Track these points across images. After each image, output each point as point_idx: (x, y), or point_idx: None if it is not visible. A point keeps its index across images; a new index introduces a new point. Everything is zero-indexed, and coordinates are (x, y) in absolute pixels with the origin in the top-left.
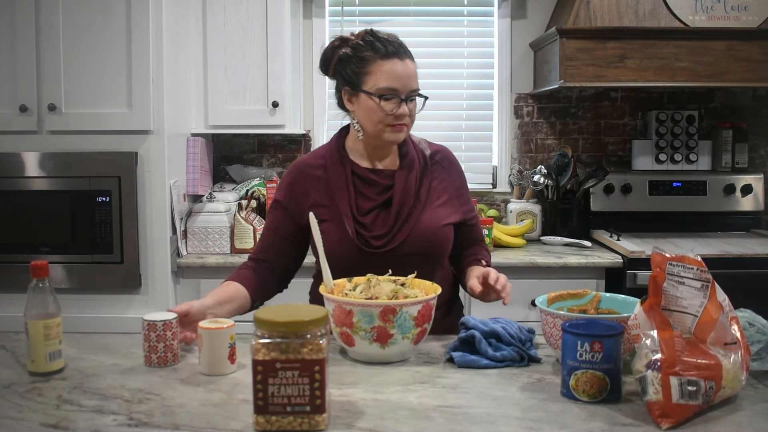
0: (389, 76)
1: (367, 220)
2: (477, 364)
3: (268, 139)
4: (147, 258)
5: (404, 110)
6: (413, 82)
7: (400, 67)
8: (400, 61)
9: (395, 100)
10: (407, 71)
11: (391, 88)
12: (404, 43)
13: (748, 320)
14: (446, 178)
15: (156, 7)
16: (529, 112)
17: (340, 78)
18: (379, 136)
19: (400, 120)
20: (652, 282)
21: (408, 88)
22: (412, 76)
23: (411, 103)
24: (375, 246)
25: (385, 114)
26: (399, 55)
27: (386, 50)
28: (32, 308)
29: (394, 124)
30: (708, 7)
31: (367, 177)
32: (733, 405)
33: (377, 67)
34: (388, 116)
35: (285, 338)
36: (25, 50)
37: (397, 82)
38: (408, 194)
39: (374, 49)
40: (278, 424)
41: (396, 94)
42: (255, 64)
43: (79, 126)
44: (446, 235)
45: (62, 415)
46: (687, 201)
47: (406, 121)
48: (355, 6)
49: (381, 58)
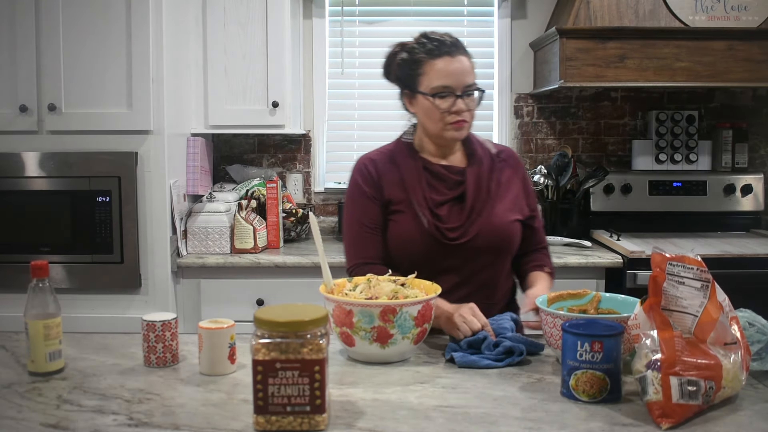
0: (441, 74)
1: (442, 212)
2: (477, 364)
3: (268, 139)
4: (147, 258)
5: (460, 106)
6: (467, 78)
7: (452, 64)
8: (451, 58)
9: (450, 98)
10: (459, 67)
11: (444, 86)
12: (459, 41)
13: (748, 320)
14: (513, 175)
15: (156, 7)
16: (529, 112)
17: (400, 82)
18: (441, 134)
19: (459, 116)
20: (652, 282)
21: (462, 84)
22: (465, 72)
23: (468, 99)
24: (450, 238)
25: (442, 112)
26: (450, 52)
27: (437, 50)
28: (32, 308)
29: (454, 122)
30: (708, 7)
31: (439, 172)
32: (733, 405)
33: (429, 67)
34: (445, 114)
35: (285, 338)
36: (25, 50)
37: (450, 79)
38: (480, 189)
39: (426, 49)
40: (278, 424)
41: (450, 91)
42: (255, 64)
43: (79, 126)
44: (515, 230)
45: (62, 415)
46: (687, 201)
47: (465, 117)
48: (355, 6)
49: (432, 57)
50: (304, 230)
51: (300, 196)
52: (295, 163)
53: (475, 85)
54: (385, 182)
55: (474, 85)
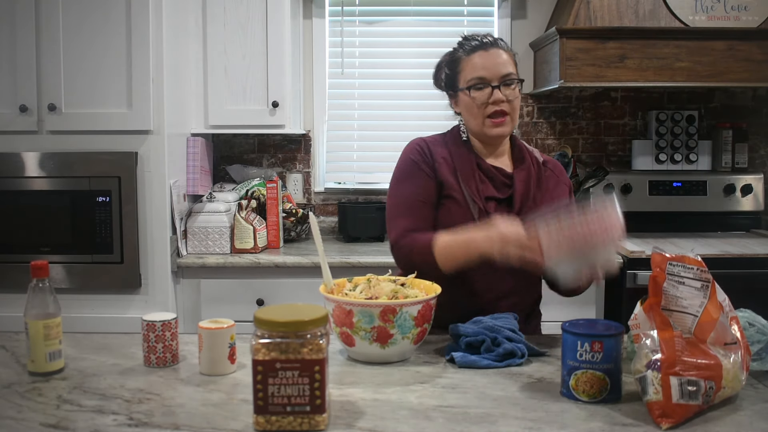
0: (475, 67)
1: (491, 208)
2: (477, 364)
3: (268, 139)
4: (147, 258)
5: (498, 96)
6: (503, 68)
7: (486, 56)
8: (484, 51)
9: (486, 89)
10: (494, 59)
11: (479, 77)
12: (498, 38)
13: (748, 320)
14: (557, 185)
15: (156, 7)
16: (529, 112)
17: (445, 86)
18: (482, 131)
19: (497, 107)
20: (652, 282)
21: (497, 75)
22: (501, 63)
23: (506, 89)
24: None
25: (479, 104)
26: (484, 46)
27: (471, 46)
28: (32, 308)
29: (492, 115)
30: (708, 7)
31: (488, 170)
32: (733, 405)
33: (465, 64)
34: (483, 106)
35: (285, 338)
36: (25, 50)
37: (483, 71)
38: (527, 194)
39: (462, 48)
40: (278, 424)
41: (485, 82)
42: (255, 64)
43: (79, 126)
44: None
45: (62, 415)
46: (687, 201)
47: (504, 108)
48: (355, 6)
49: (467, 54)
50: (304, 230)
51: (300, 196)
52: (295, 163)
53: (512, 74)
54: (439, 164)
55: (511, 74)
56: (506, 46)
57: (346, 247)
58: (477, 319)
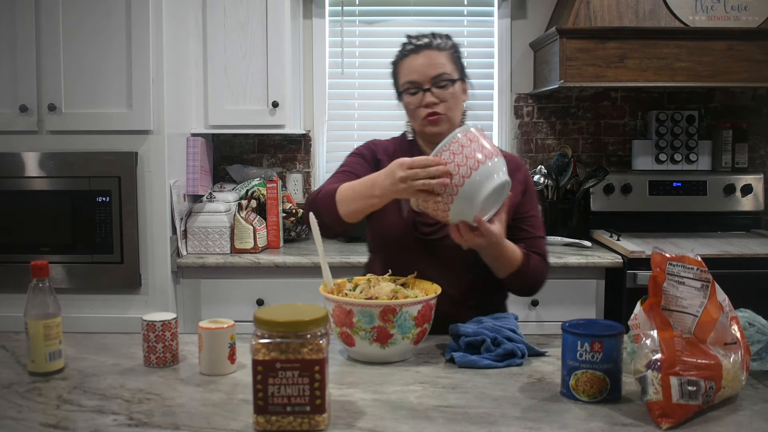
0: (406, 71)
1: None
2: (478, 364)
3: (268, 139)
4: (147, 258)
5: (428, 99)
6: (433, 69)
7: (415, 60)
8: (415, 55)
9: (418, 93)
10: (425, 61)
11: (409, 81)
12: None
13: (748, 320)
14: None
15: (156, 7)
16: (529, 112)
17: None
18: (422, 131)
19: (430, 109)
20: (652, 282)
21: (426, 77)
22: (432, 65)
23: (439, 91)
24: (423, 232)
25: (413, 108)
26: (416, 50)
27: (405, 50)
28: (32, 308)
29: (427, 116)
30: (708, 7)
31: None
32: (733, 405)
33: (400, 68)
34: (417, 110)
35: (285, 338)
36: (25, 50)
37: (414, 74)
38: None
39: (400, 52)
40: (278, 424)
41: (416, 86)
42: (255, 64)
43: (79, 126)
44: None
45: (62, 415)
46: (687, 201)
47: (439, 109)
48: (355, 6)
49: (400, 59)
50: (304, 230)
51: (300, 196)
52: (295, 163)
53: (444, 75)
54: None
55: (443, 75)
56: (443, 45)
57: (346, 247)
58: (477, 319)
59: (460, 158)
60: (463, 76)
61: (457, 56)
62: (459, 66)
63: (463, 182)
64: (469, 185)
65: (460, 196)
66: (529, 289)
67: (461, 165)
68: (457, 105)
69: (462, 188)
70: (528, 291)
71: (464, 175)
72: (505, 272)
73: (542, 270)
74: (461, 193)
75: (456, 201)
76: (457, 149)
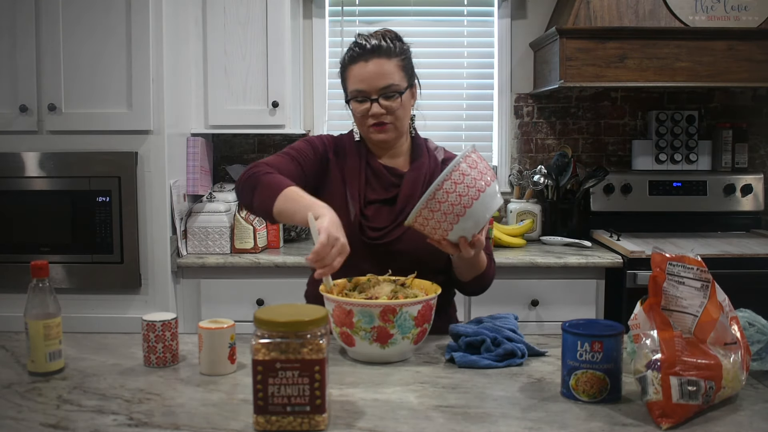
0: (355, 79)
1: (370, 211)
2: (477, 364)
3: (268, 139)
4: (147, 258)
5: (376, 110)
6: (381, 80)
7: (364, 68)
8: (364, 63)
9: (366, 102)
10: (373, 71)
11: (358, 90)
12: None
13: (748, 320)
14: None
15: (156, 7)
16: (529, 112)
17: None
18: (368, 137)
19: (376, 119)
20: (652, 282)
21: (374, 88)
22: (380, 75)
23: (386, 101)
24: (370, 237)
25: (360, 116)
26: (365, 56)
27: (354, 54)
28: (32, 308)
29: (374, 125)
30: (708, 7)
31: (379, 170)
32: (733, 405)
33: (348, 73)
34: (364, 118)
35: (285, 338)
36: (25, 50)
37: (362, 84)
38: (413, 195)
39: (348, 56)
40: (278, 424)
41: (364, 95)
42: (255, 64)
43: (79, 126)
44: None
45: (62, 415)
46: (687, 201)
47: (386, 120)
48: (355, 6)
49: (350, 63)
50: (304, 230)
51: None
52: None
53: (392, 86)
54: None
55: (391, 86)
56: (393, 50)
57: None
58: (477, 318)
59: (461, 188)
60: (411, 82)
61: (406, 62)
62: (408, 72)
63: (471, 204)
64: (472, 211)
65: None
66: (483, 289)
67: (463, 195)
68: (405, 114)
69: (464, 215)
70: (481, 291)
71: (472, 198)
72: (471, 275)
73: (494, 271)
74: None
75: (456, 226)
76: (460, 177)
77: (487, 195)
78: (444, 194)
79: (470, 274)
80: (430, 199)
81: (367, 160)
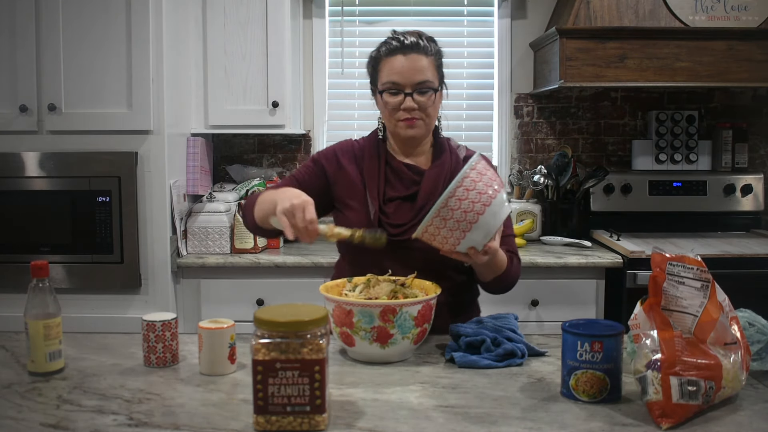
0: (391, 71)
1: (390, 208)
2: (477, 364)
3: (268, 139)
4: (147, 258)
5: (409, 104)
6: (418, 75)
7: (403, 61)
8: (403, 56)
9: (399, 95)
10: (411, 65)
11: (393, 82)
12: (422, 40)
13: (748, 320)
14: None
15: (156, 7)
16: (529, 112)
17: (370, 81)
18: (395, 131)
19: (408, 114)
20: (652, 282)
21: (411, 81)
22: (417, 70)
23: (420, 96)
24: (391, 234)
25: (392, 109)
26: (403, 50)
27: (392, 47)
28: (32, 308)
29: (404, 119)
30: (708, 7)
31: (399, 169)
32: (733, 405)
33: (384, 65)
34: (395, 111)
35: (285, 338)
36: (25, 50)
37: (398, 76)
38: (434, 192)
39: (387, 48)
40: (278, 424)
41: (399, 88)
42: (255, 64)
43: (79, 126)
44: None
45: (62, 415)
46: (687, 201)
47: (416, 115)
48: (355, 6)
49: (386, 55)
50: None
51: None
52: (295, 163)
53: (428, 82)
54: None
55: (426, 82)
56: (430, 49)
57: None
58: (477, 318)
59: (473, 194)
60: (442, 83)
61: (439, 62)
62: (440, 73)
63: (477, 219)
64: (483, 220)
65: (472, 231)
66: (506, 288)
67: (475, 201)
68: (435, 112)
69: (475, 225)
70: (504, 290)
71: (478, 212)
72: (491, 276)
73: (519, 269)
74: (473, 229)
75: (467, 236)
76: (470, 185)
77: (494, 206)
78: (449, 211)
79: (490, 275)
80: (436, 216)
81: (386, 159)
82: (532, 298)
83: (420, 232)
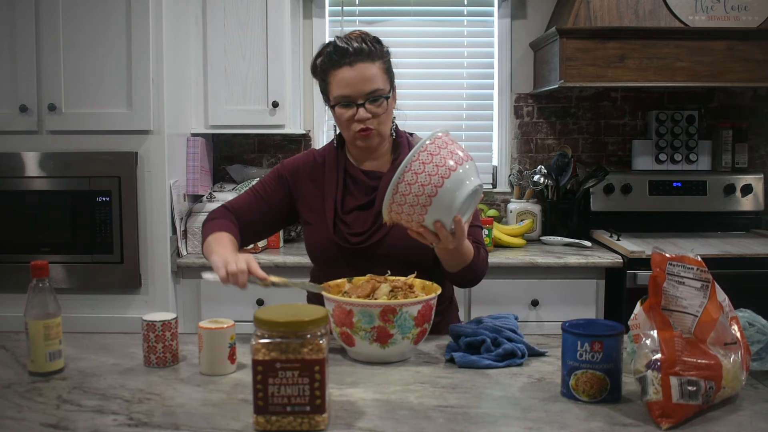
0: (340, 84)
1: (349, 218)
2: (477, 364)
3: (268, 139)
4: (147, 258)
5: (363, 114)
6: (368, 85)
7: (350, 73)
8: (349, 67)
9: (351, 107)
10: (359, 75)
11: (343, 96)
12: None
13: (748, 320)
14: None
15: (156, 7)
16: (529, 112)
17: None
18: (353, 143)
19: (362, 125)
20: (652, 282)
21: (360, 93)
22: (366, 79)
23: (372, 106)
24: (352, 243)
25: (346, 121)
26: (349, 61)
27: (339, 60)
28: (32, 308)
29: (359, 130)
30: (708, 7)
31: (357, 177)
32: (733, 405)
33: (332, 78)
34: (350, 123)
35: (285, 338)
36: (25, 50)
37: (348, 89)
38: None
39: (330, 60)
40: (278, 424)
41: (350, 101)
42: (255, 64)
43: (79, 126)
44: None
45: (62, 415)
46: (687, 201)
47: (371, 125)
48: (355, 6)
49: (333, 68)
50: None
51: None
52: None
53: (378, 91)
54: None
55: (377, 91)
56: (376, 53)
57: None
58: (477, 318)
59: (430, 167)
60: (393, 85)
61: (388, 65)
62: (390, 76)
63: (436, 192)
64: (442, 194)
65: (434, 205)
66: (474, 281)
67: (432, 174)
68: (388, 118)
69: (435, 198)
70: (472, 283)
71: (436, 184)
72: (459, 266)
73: (486, 261)
74: (435, 203)
75: (430, 211)
76: (426, 158)
77: (454, 178)
78: (406, 186)
79: (457, 265)
80: (395, 192)
81: (345, 168)
82: (532, 298)
83: (386, 212)
